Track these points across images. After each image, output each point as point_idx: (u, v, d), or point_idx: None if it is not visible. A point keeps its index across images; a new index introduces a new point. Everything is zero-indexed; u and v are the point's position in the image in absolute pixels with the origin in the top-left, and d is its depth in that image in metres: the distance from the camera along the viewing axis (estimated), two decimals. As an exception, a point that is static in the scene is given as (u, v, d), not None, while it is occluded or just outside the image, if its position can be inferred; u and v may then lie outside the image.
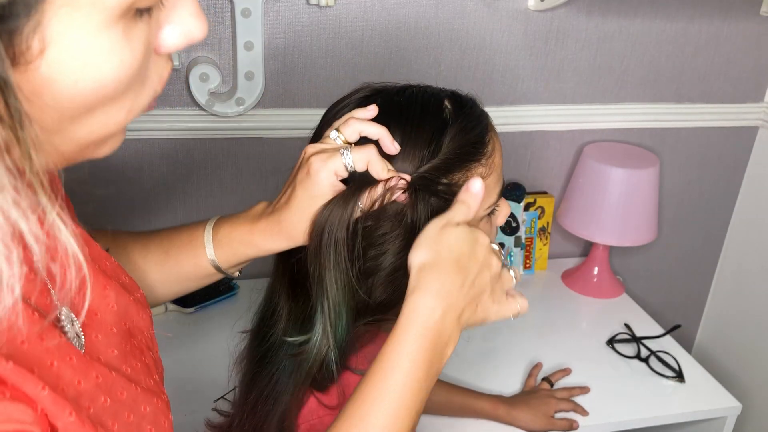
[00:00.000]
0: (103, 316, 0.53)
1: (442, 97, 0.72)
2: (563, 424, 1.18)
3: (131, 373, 0.53)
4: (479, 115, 0.73)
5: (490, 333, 1.43)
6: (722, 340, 1.89)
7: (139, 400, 0.52)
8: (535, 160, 1.63)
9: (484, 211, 0.73)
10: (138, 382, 0.53)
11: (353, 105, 0.71)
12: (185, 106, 1.38)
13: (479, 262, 0.64)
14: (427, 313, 0.61)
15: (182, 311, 1.40)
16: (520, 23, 1.47)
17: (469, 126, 0.71)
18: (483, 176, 0.71)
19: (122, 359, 0.53)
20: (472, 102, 0.74)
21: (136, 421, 0.51)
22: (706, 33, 1.59)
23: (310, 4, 1.35)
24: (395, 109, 0.69)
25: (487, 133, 0.72)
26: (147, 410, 0.53)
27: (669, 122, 1.66)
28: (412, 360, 0.60)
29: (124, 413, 0.50)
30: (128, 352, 0.54)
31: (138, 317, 0.59)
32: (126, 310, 0.57)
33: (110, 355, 0.51)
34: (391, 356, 0.60)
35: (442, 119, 0.69)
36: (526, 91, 1.54)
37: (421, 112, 0.69)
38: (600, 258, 1.60)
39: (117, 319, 0.54)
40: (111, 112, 0.45)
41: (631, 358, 1.37)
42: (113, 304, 0.54)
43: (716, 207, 1.81)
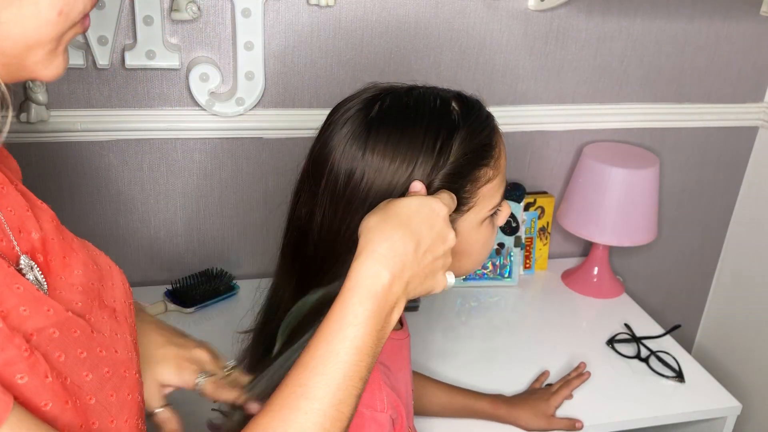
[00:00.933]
0: (66, 279, 0.56)
1: (448, 98, 0.72)
2: (565, 423, 1.18)
3: (93, 321, 0.56)
4: (486, 117, 0.73)
5: (490, 333, 1.43)
6: (722, 340, 1.89)
7: (94, 344, 0.54)
8: (535, 160, 1.63)
9: (488, 212, 0.73)
10: (101, 329, 0.56)
11: (360, 105, 0.71)
12: (185, 106, 1.38)
13: (434, 231, 0.62)
14: (373, 277, 0.59)
15: (182, 311, 1.40)
16: (520, 23, 1.47)
17: (478, 129, 0.71)
18: (490, 179, 0.71)
19: (85, 308, 0.56)
20: (479, 104, 0.74)
21: (90, 359, 0.53)
22: (706, 33, 1.59)
23: (310, 4, 1.35)
24: (403, 110, 0.69)
25: (495, 135, 0.73)
26: (102, 354, 0.55)
27: (669, 122, 1.66)
28: (357, 327, 0.58)
29: (76, 349, 0.52)
30: (95, 305, 0.57)
31: (110, 286, 0.62)
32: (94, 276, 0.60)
33: (73, 305, 0.55)
34: (335, 323, 0.58)
35: (450, 122, 0.69)
36: (526, 91, 1.54)
37: (428, 116, 0.69)
38: (600, 258, 1.60)
39: (82, 281, 0.58)
40: (41, 3, 0.47)
41: (631, 358, 1.37)
42: (77, 271, 0.58)
43: (716, 207, 1.81)
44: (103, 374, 0.54)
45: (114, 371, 0.56)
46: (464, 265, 0.76)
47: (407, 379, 0.82)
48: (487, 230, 0.75)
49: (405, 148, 0.67)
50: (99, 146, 1.38)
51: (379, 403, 0.70)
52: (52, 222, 0.60)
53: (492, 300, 1.55)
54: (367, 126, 0.69)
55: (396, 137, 0.68)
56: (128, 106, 1.36)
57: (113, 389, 0.55)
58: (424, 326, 1.43)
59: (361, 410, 0.69)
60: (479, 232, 0.74)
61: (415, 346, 1.35)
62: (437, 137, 0.68)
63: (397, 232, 0.60)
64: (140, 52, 1.29)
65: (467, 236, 0.73)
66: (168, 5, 1.28)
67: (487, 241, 0.76)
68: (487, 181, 0.72)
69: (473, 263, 0.77)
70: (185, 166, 1.43)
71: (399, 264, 0.60)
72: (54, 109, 1.32)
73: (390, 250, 0.59)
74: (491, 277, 1.59)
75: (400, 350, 0.81)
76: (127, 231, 1.46)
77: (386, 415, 0.70)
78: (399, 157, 0.67)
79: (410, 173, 0.67)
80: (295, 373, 0.57)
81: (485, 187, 0.72)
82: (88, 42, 1.27)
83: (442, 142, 0.68)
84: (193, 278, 1.44)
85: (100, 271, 0.62)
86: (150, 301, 1.40)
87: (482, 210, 0.73)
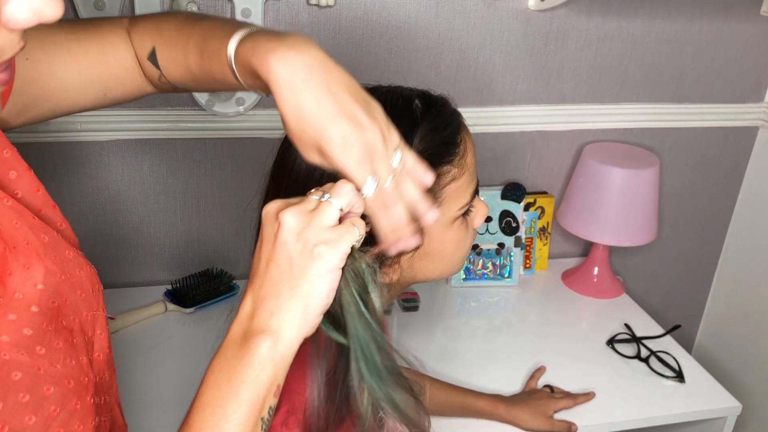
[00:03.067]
0: (23, 296, 0.53)
1: (412, 96, 0.70)
2: (562, 425, 1.18)
3: (44, 353, 0.53)
4: (450, 114, 0.71)
5: (490, 333, 1.43)
6: (722, 340, 1.89)
7: (41, 381, 0.52)
8: (535, 160, 1.63)
9: (457, 212, 0.71)
10: (53, 361, 0.53)
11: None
12: (185, 106, 1.38)
13: (276, 245, 0.55)
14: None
15: (182, 311, 1.40)
16: (520, 23, 1.47)
17: (441, 125, 0.69)
18: (455, 177, 0.69)
19: (37, 339, 0.52)
20: (443, 101, 0.72)
21: (34, 401, 0.51)
22: (706, 33, 1.59)
23: (310, 4, 1.35)
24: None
25: (459, 132, 0.71)
26: (51, 391, 0.52)
27: (669, 122, 1.66)
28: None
29: (17, 393, 0.50)
30: (49, 331, 0.54)
31: (74, 296, 0.58)
32: (57, 290, 0.56)
33: (19, 335, 0.51)
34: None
35: (411, 119, 0.68)
36: (526, 91, 1.54)
37: (390, 113, 0.64)
38: (600, 258, 1.60)
39: (41, 298, 0.54)
40: None
41: (631, 358, 1.37)
42: (38, 283, 0.54)
43: (716, 207, 1.81)
44: (49, 413, 0.52)
45: (63, 407, 0.53)
46: (438, 267, 0.74)
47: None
48: (459, 231, 0.73)
49: None
50: (99, 146, 1.38)
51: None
52: (21, 219, 0.55)
53: (492, 300, 1.55)
54: None
55: None
56: (128, 107, 1.36)
57: (61, 426, 0.53)
58: (424, 326, 1.43)
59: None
60: (449, 234, 0.72)
61: (415, 346, 1.35)
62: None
63: (258, 272, 0.57)
64: (140, 52, 1.29)
65: (437, 237, 0.71)
66: (168, 5, 1.28)
67: (461, 242, 0.74)
68: (452, 180, 0.70)
69: (447, 265, 0.75)
70: (185, 166, 1.43)
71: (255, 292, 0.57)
72: (54, 109, 1.32)
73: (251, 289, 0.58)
74: (491, 277, 1.59)
75: None
76: (127, 231, 1.46)
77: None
78: None
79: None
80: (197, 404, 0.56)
81: (450, 187, 0.70)
82: (88, 42, 1.27)
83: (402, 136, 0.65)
84: (193, 278, 1.44)
85: (68, 280, 0.57)
86: (150, 301, 1.40)
87: (450, 210, 0.71)
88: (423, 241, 0.66)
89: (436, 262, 0.73)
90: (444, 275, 0.76)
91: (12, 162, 0.59)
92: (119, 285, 1.46)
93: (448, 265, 0.75)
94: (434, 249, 0.72)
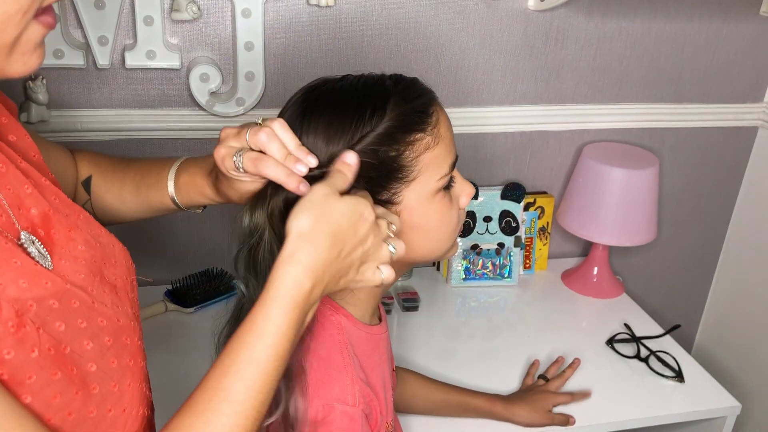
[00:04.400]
0: (71, 252, 0.61)
1: (383, 76, 0.74)
2: (561, 418, 1.18)
3: (96, 294, 0.60)
4: (422, 88, 0.74)
5: (490, 333, 1.43)
6: (722, 340, 1.89)
7: (95, 313, 0.59)
8: (535, 160, 1.63)
9: (437, 183, 0.73)
10: (103, 301, 0.61)
11: (297, 95, 0.73)
12: (186, 107, 1.38)
13: (356, 238, 0.63)
14: (297, 287, 0.60)
15: (182, 311, 1.40)
16: (520, 23, 1.47)
17: (413, 95, 0.72)
18: (429, 146, 0.72)
19: (87, 282, 0.60)
20: (413, 78, 0.75)
21: (91, 328, 0.57)
22: (705, 33, 1.59)
23: (310, 4, 1.35)
24: (336, 91, 0.71)
25: (431, 105, 0.74)
26: (104, 323, 0.59)
27: (669, 122, 1.66)
28: (279, 333, 0.60)
29: (76, 319, 0.56)
30: (96, 280, 0.62)
31: (111, 262, 0.66)
32: (95, 254, 0.63)
33: (74, 276, 0.59)
34: (257, 330, 0.60)
35: (383, 91, 0.71)
36: (526, 91, 1.55)
37: (362, 90, 0.71)
38: (600, 258, 1.60)
39: (84, 255, 0.62)
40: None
41: (630, 358, 1.37)
42: (80, 246, 0.62)
43: (716, 207, 1.81)
44: (104, 342, 0.58)
45: (115, 339, 0.60)
46: (425, 243, 0.76)
47: (385, 375, 0.81)
48: (441, 204, 0.74)
49: (338, 122, 0.69)
50: (99, 146, 1.38)
51: (351, 397, 0.71)
52: (58, 197, 0.64)
53: (492, 300, 1.55)
54: (302, 111, 0.71)
55: (328, 115, 0.69)
56: (128, 107, 1.36)
57: (114, 356, 0.59)
58: (424, 326, 1.43)
59: (333, 404, 0.69)
60: (431, 205, 0.74)
61: (415, 346, 1.36)
62: (369, 105, 0.69)
63: (325, 242, 0.61)
64: (140, 52, 1.30)
65: (418, 209, 0.73)
66: (168, 5, 1.28)
67: (445, 217, 0.75)
68: (426, 149, 0.72)
69: (435, 242, 0.76)
70: (185, 166, 1.44)
71: (321, 271, 0.61)
72: (54, 109, 1.32)
73: (315, 261, 0.61)
74: (491, 277, 1.59)
75: (377, 345, 0.81)
76: (127, 231, 1.46)
77: (358, 410, 0.70)
78: (332, 131, 0.69)
79: (344, 145, 0.68)
80: (216, 377, 0.59)
81: (426, 155, 0.72)
82: (88, 42, 1.27)
83: (374, 108, 0.69)
84: (193, 278, 1.44)
85: (102, 249, 0.65)
86: (150, 301, 1.40)
87: (430, 180, 0.72)
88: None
89: (423, 237, 0.75)
90: (434, 253, 0.78)
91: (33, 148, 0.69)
92: (119, 285, 1.46)
93: (437, 242, 0.77)
94: (418, 222, 0.74)
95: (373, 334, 0.80)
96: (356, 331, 0.77)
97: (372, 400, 0.74)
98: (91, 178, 0.87)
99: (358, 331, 0.77)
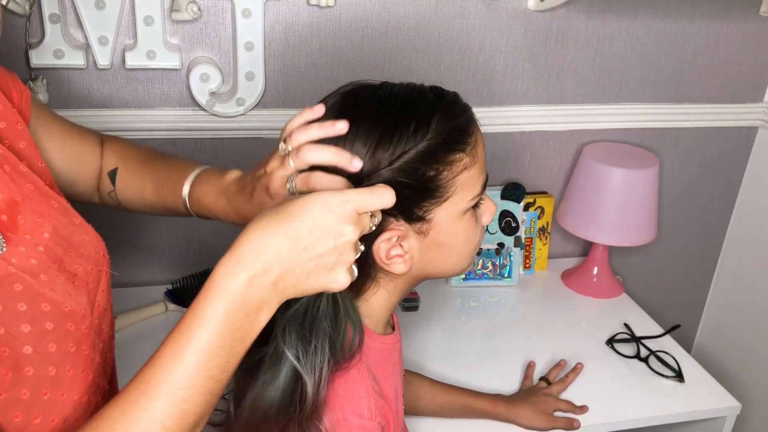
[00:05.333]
0: (31, 238, 0.62)
1: (424, 88, 0.73)
2: (563, 422, 1.18)
3: (46, 280, 0.62)
4: (463, 105, 0.74)
5: (490, 333, 1.44)
6: (721, 339, 1.89)
7: (39, 299, 0.60)
8: (535, 160, 1.63)
9: (468, 203, 0.72)
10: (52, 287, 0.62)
11: (336, 98, 0.72)
12: (186, 107, 1.38)
13: (321, 227, 0.58)
14: (227, 278, 0.57)
15: (183, 311, 1.40)
16: (520, 23, 1.47)
17: (455, 113, 0.71)
18: (467, 166, 0.71)
19: (41, 269, 0.61)
20: (454, 93, 0.75)
21: (31, 312, 0.59)
22: (705, 33, 1.59)
23: (310, 4, 1.35)
24: (377, 100, 0.70)
25: (472, 123, 0.73)
26: (47, 308, 0.61)
27: (668, 122, 1.66)
28: (204, 327, 0.56)
29: (15, 302, 0.58)
30: (53, 267, 0.63)
31: (78, 252, 0.67)
32: (61, 242, 0.65)
33: (26, 262, 0.61)
34: (185, 322, 0.57)
35: (427, 106, 0.70)
36: (526, 91, 1.55)
37: (403, 102, 0.70)
38: (599, 258, 1.60)
39: (47, 243, 0.63)
40: None
41: (630, 357, 1.37)
42: (45, 233, 0.64)
43: (716, 207, 1.81)
44: (44, 327, 0.60)
45: (58, 325, 0.61)
46: (447, 260, 0.75)
47: (397, 384, 0.81)
48: (468, 224, 0.74)
49: (379, 134, 0.67)
50: (99, 146, 1.38)
51: (367, 410, 0.69)
52: (35, 185, 0.66)
53: (492, 300, 1.55)
54: (343, 117, 0.69)
55: (368, 126, 0.68)
56: (129, 107, 1.36)
57: (54, 341, 0.61)
58: (424, 326, 1.43)
59: (348, 418, 0.68)
60: (460, 225, 0.73)
61: (415, 346, 1.36)
62: (413, 119, 0.68)
63: (268, 232, 0.58)
64: (141, 53, 1.30)
65: (447, 227, 0.72)
66: (168, 5, 1.28)
67: (470, 236, 0.75)
68: (464, 169, 0.71)
69: (457, 259, 0.75)
70: (185, 166, 1.44)
71: (262, 263, 0.57)
72: (55, 109, 1.31)
73: (252, 251, 0.57)
74: (491, 277, 1.59)
75: (390, 355, 0.80)
76: (127, 231, 1.46)
77: (374, 423, 0.69)
78: (371, 143, 0.67)
79: (384, 160, 0.67)
80: (144, 369, 0.57)
81: (462, 175, 0.71)
82: (88, 42, 1.27)
83: (418, 123, 0.68)
84: (193, 278, 1.45)
85: (70, 239, 0.66)
86: (150, 301, 1.40)
87: (462, 200, 0.72)
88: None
89: (446, 255, 0.74)
90: (453, 271, 0.77)
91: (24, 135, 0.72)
92: (119, 285, 1.46)
93: (458, 259, 0.76)
94: (445, 240, 0.73)
95: (387, 344, 0.79)
96: (370, 341, 0.75)
97: (386, 412, 0.73)
98: (117, 171, 0.90)
99: (372, 342, 0.76)
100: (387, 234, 0.69)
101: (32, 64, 1.26)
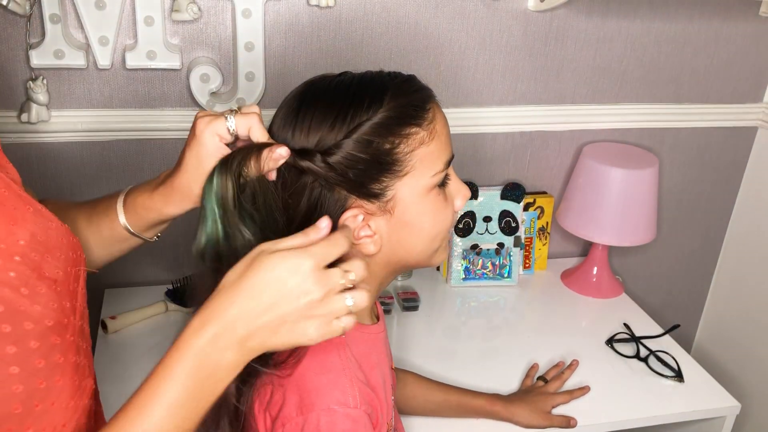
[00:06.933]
0: (6, 247, 0.60)
1: (381, 72, 0.75)
2: (561, 420, 1.18)
3: (27, 294, 0.60)
4: (419, 85, 0.75)
5: (490, 333, 1.44)
6: (721, 339, 1.89)
7: (21, 317, 0.59)
8: (535, 160, 1.63)
9: (431, 179, 0.73)
10: (34, 302, 0.61)
11: (295, 90, 0.74)
12: (186, 107, 1.38)
13: (286, 287, 0.60)
14: (193, 335, 0.60)
15: (183, 311, 1.40)
16: (519, 23, 1.48)
17: (410, 89, 0.73)
18: (424, 141, 0.72)
19: (21, 281, 0.60)
20: (412, 75, 0.76)
21: (15, 333, 0.58)
22: (705, 33, 1.59)
23: (310, 4, 1.35)
24: (333, 85, 0.72)
25: (429, 101, 0.74)
26: (30, 327, 0.60)
27: (668, 122, 1.67)
28: (169, 382, 0.59)
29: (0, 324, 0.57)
30: (33, 277, 0.61)
31: (56, 255, 0.65)
32: (38, 248, 0.63)
33: (4, 275, 0.59)
34: (154, 376, 0.60)
35: (380, 84, 0.72)
36: (525, 91, 1.55)
37: (359, 84, 0.72)
38: (599, 258, 1.60)
39: (24, 251, 0.61)
40: None
41: (630, 357, 1.37)
42: (21, 240, 0.61)
43: (715, 207, 1.81)
44: (29, 346, 0.59)
45: (43, 341, 0.60)
46: (417, 241, 0.75)
47: (384, 374, 0.81)
48: (435, 202, 0.74)
49: (335, 111, 0.70)
50: (100, 146, 1.38)
51: (352, 399, 0.70)
52: (8, 190, 0.63)
53: (492, 300, 1.56)
54: (299, 102, 0.72)
55: (325, 104, 0.70)
56: (129, 107, 1.36)
57: (41, 357, 0.60)
58: (424, 326, 1.44)
59: (332, 407, 0.68)
60: (425, 202, 0.73)
61: (415, 346, 1.36)
62: (366, 95, 0.70)
63: (233, 292, 0.60)
64: (141, 53, 1.30)
65: (412, 205, 0.73)
66: (169, 6, 1.29)
67: (438, 216, 0.75)
68: (421, 144, 0.71)
69: (427, 240, 0.75)
70: (186, 166, 1.44)
71: (227, 322, 0.60)
72: (55, 109, 1.33)
73: (218, 310, 0.60)
74: (491, 277, 1.59)
75: (374, 345, 0.80)
76: (127, 231, 1.46)
77: (360, 411, 0.69)
78: (329, 119, 0.70)
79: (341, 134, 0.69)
80: (117, 416, 0.59)
81: (420, 150, 0.71)
82: (89, 42, 1.27)
83: (371, 98, 0.70)
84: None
85: (46, 243, 0.64)
86: (151, 301, 1.41)
87: (423, 176, 0.72)
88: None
89: (415, 235, 0.75)
90: (426, 253, 0.77)
91: None
92: (120, 285, 1.47)
93: (430, 241, 0.76)
94: (411, 219, 0.73)
95: (371, 334, 0.80)
96: (353, 331, 0.76)
97: (373, 401, 0.74)
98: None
99: (355, 332, 0.76)
100: (351, 211, 0.71)
101: (32, 65, 1.26)
